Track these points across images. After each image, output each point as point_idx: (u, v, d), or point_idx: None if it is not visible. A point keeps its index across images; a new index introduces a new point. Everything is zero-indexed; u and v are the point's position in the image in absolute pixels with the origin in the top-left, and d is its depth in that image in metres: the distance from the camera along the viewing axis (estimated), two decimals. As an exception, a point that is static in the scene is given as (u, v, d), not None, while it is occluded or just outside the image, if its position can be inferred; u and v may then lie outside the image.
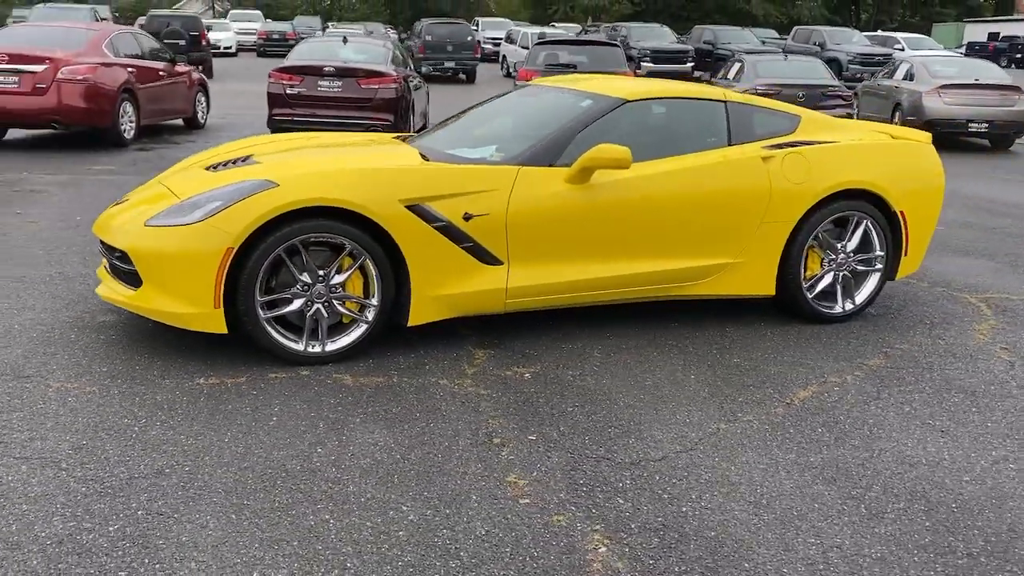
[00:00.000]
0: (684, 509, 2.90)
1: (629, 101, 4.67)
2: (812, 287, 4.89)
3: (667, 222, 4.48)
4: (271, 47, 34.44)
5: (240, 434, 3.27)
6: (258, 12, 42.06)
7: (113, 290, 4.10)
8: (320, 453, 3.15)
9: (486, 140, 4.77)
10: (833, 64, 26.90)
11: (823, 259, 4.89)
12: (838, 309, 4.93)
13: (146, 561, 2.48)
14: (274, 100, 11.33)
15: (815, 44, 28.49)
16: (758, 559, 2.63)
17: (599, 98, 4.69)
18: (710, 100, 4.87)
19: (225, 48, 33.52)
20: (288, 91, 11.22)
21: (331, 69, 11.21)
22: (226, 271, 3.76)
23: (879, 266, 4.98)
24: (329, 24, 39.41)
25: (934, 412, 3.77)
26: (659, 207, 4.45)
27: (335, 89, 11.20)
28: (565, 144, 4.40)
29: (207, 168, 4.49)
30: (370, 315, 4.05)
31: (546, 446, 3.29)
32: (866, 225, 4.88)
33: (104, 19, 31.35)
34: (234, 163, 4.46)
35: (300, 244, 3.87)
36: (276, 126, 11.20)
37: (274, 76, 11.39)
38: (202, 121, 13.32)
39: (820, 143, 4.86)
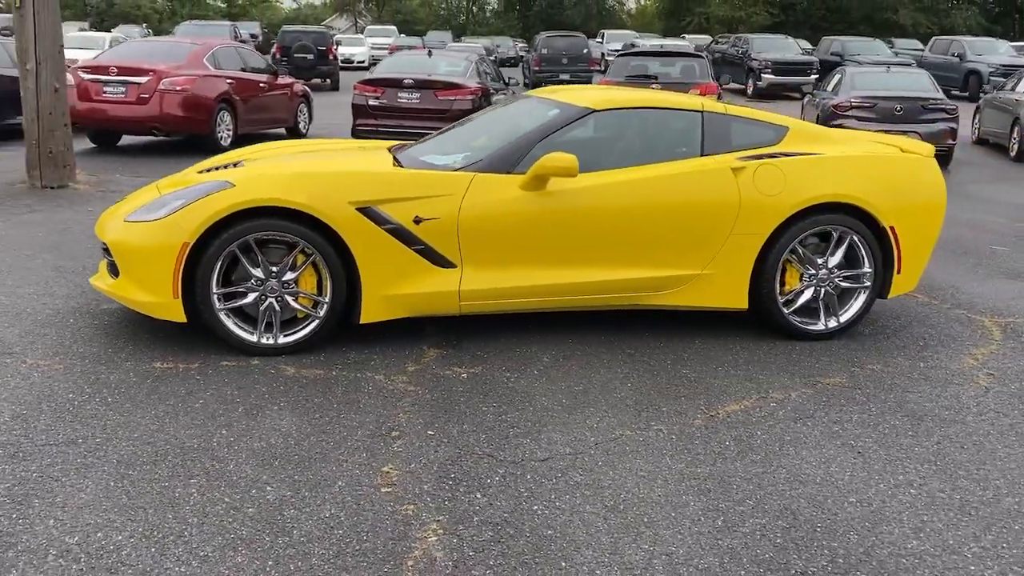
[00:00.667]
0: (535, 508, 2.95)
1: (596, 111, 4.72)
2: (790, 302, 4.77)
3: (628, 231, 4.50)
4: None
5: (163, 413, 3.55)
6: (393, 28, 43.64)
7: (102, 279, 4.50)
8: (223, 435, 3.39)
9: (462, 148, 4.92)
10: (974, 76, 25.51)
11: (803, 274, 4.76)
12: (820, 326, 4.79)
13: (14, 516, 2.77)
14: (358, 111, 11.85)
15: (954, 55, 27.03)
16: (579, 559, 2.66)
17: (566, 107, 4.76)
18: (685, 110, 4.84)
19: (359, 62, 34.99)
20: (371, 102, 11.72)
21: (410, 81, 11.63)
22: (183, 264, 4.08)
23: (867, 284, 4.80)
24: (461, 39, 40.43)
25: (863, 434, 3.64)
26: (619, 216, 4.47)
27: (414, 100, 11.61)
28: (524, 152, 4.49)
29: (199, 172, 4.84)
30: (321, 311, 4.27)
31: (438, 442, 3.41)
32: (851, 240, 4.72)
33: (254, 36, 33.51)
34: (224, 167, 4.79)
35: (254, 241, 4.13)
36: (359, 135, 11.71)
37: (358, 88, 11.93)
38: (304, 131, 14.05)
39: (802, 155, 4.74)
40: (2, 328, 4.45)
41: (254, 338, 4.23)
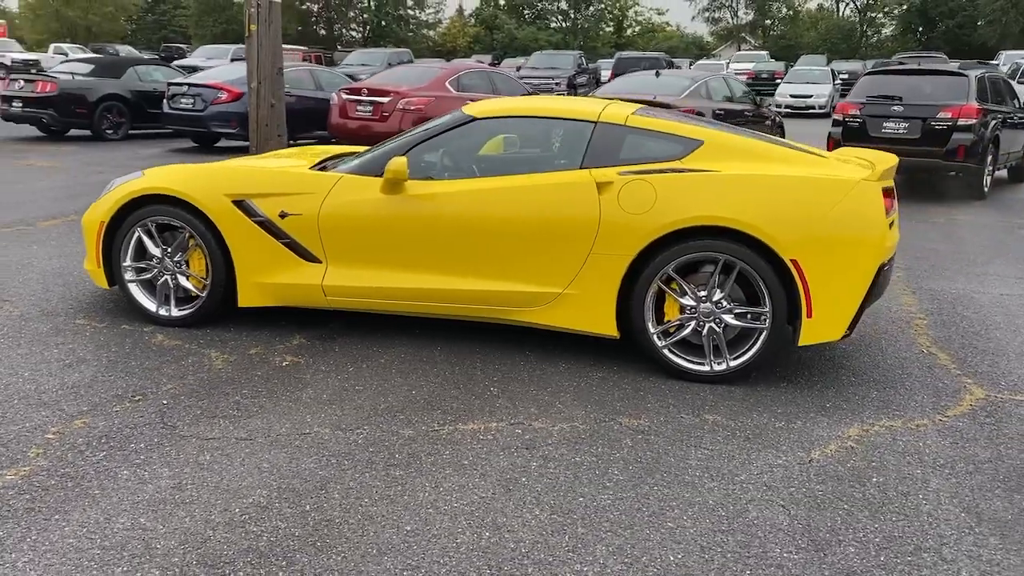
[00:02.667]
0: (123, 471, 3.17)
1: (477, 119, 4.63)
2: (669, 334, 4.25)
3: (486, 242, 4.38)
4: (758, 86, 34.89)
5: (16, 355, 4.32)
6: (763, 53, 42.56)
7: (93, 253, 5.48)
8: (22, 375, 4.05)
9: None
10: None
11: (683, 306, 4.21)
12: (704, 367, 4.20)
13: None
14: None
15: None
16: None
17: (455, 114, 4.73)
18: (577, 120, 4.53)
19: (819, 107, 34.66)
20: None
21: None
22: (101, 239, 4.85)
23: (764, 325, 4.10)
24: (832, 61, 38.22)
25: (613, 461, 3.23)
26: (476, 225, 4.38)
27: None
28: (396, 156, 4.58)
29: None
30: (205, 292, 4.78)
31: (152, 411, 3.71)
32: (741, 272, 4.09)
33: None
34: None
35: (152, 224, 4.78)
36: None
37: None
38: None
39: (692, 171, 4.21)
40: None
41: (154, 309, 4.87)
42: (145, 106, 15.14)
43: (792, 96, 27.23)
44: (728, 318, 4.17)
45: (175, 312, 4.84)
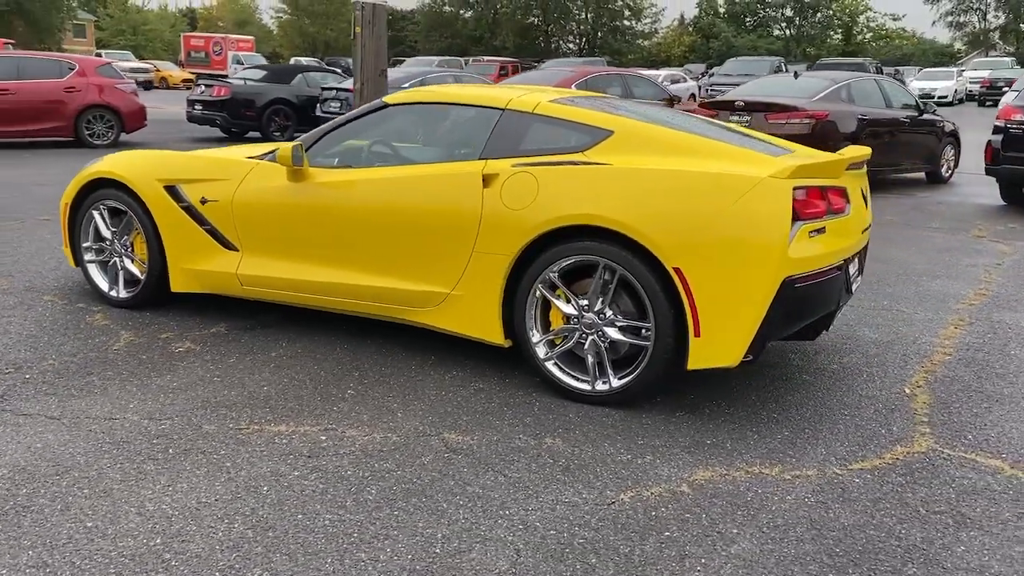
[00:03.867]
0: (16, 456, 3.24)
1: (388, 105, 4.36)
2: (553, 344, 3.79)
3: (376, 235, 4.13)
4: (991, 95, 31.61)
5: (-42, 323, 4.61)
6: (1007, 59, 38.30)
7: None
8: (-62, 342, 4.31)
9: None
10: None
11: (566, 315, 3.73)
12: (585, 386, 3.70)
13: None
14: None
15: None
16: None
17: (375, 101, 4.48)
18: (485, 107, 4.13)
19: (940, 97, 31.91)
20: (704, 126, 11.18)
21: (741, 103, 10.82)
22: (66, 220, 5.07)
23: (649, 343, 3.55)
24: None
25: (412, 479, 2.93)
26: (367, 217, 4.13)
27: (742, 124, 10.76)
28: (312, 143, 4.43)
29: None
30: (144, 275, 4.86)
31: (6, 383, 3.79)
32: (621, 280, 3.56)
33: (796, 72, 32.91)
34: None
35: (103, 207, 4.92)
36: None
37: (698, 112, 11.49)
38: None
39: (586, 164, 3.72)
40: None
41: (106, 289, 5.02)
42: (310, 110, 16.01)
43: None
44: (612, 332, 3.63)
45: (123, 294, 4.95)
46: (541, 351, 3.79)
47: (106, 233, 4.96)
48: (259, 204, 4.42)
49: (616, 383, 3.63)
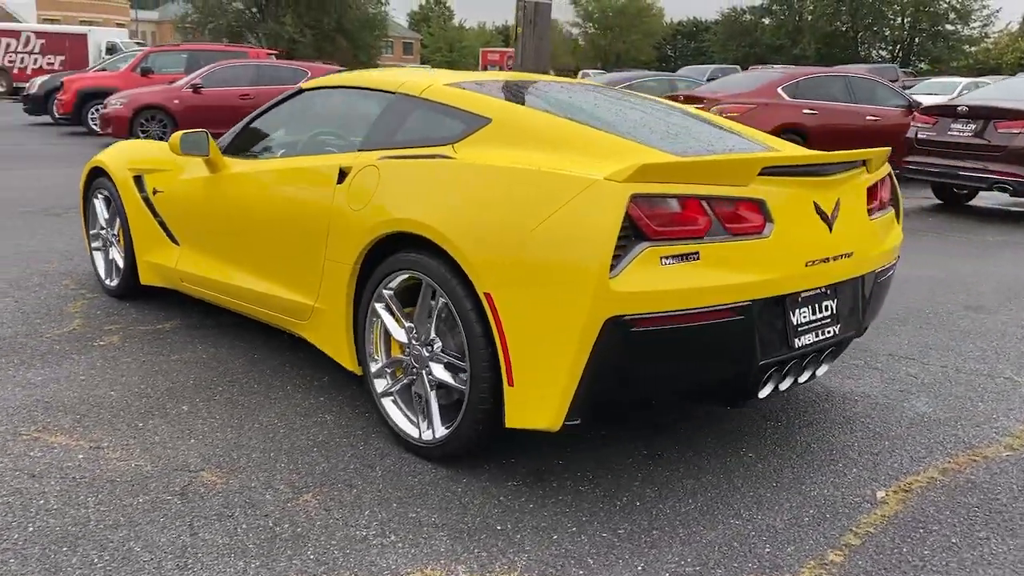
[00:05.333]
0: None
1: (304, 90, 3.86)
2: (387, 376, 3.12)
3: (256, 233, 3.70)
4: None
5: (-41, 300, 4.84)
6: None
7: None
8: (-85, 316, 4.51)
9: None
10: None
11: (400, 343, 3.04)
12: (414, 432, 2.98)
13: None
14: (908, 145, 9.66)
15: None
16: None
17: (293, 87, 4.00)
18: (379, 92, 3.50)
19: None
20: (919, 135, 9.42)
21: (964, 108, 8.92)
22: (81, 209, 5.17)
23: (466, 387, 2.77)
24: None
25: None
26: (250, 214, 3.71)
27: (965, 133, 8.90)
28: (240, 131, 4.08)
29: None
30: (123, 266, 4.79)
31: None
32: (443, 303, 2.81)
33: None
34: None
35: (100, 195, 4.93)
36: (907, 176, 9.59)
37: (917, 119, 9.69)
38: None
39: (435, 158, 2.99)
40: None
41: (103, 276, 5.03)
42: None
43: None
44: (437, 369, 2.87)
45: (112, 282, 4.94)
46: (381, 384, 3.12)
47: (102, 221, 4.98)
48: (185, 196, 4.16)
49: (439, 434, 2.87)
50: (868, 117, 11.38)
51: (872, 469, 2.96)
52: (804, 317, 2.81)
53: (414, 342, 2.94)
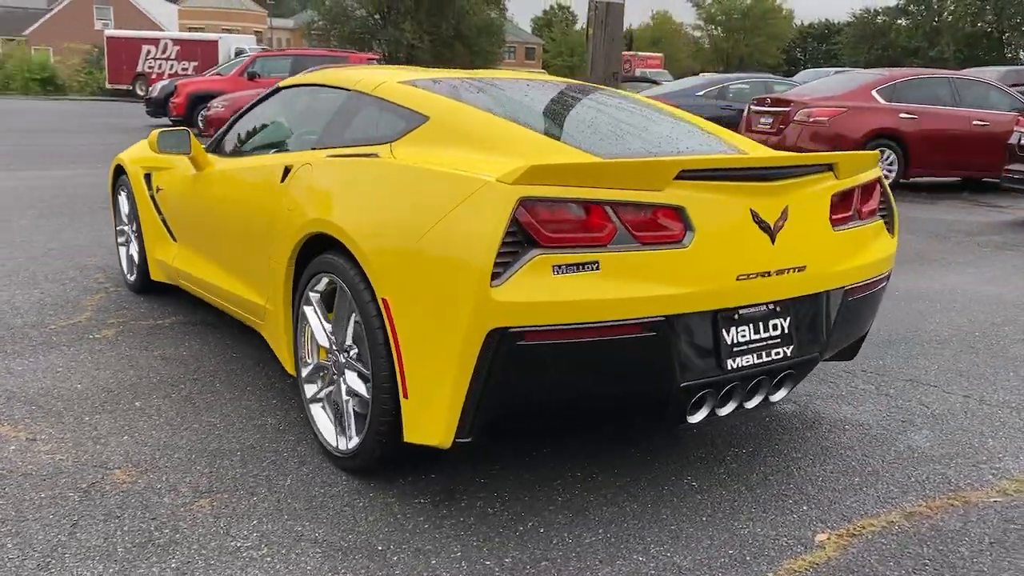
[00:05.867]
0: None
1: (281, 88, 3.81)
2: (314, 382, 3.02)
3: (226, 232, 3.68)
4: None
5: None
6: None
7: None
8: (-56, 304, 4.74)
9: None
10: None
11: (322, 347, 2.95)
12: (333, 439, 2.88)
13: None
14: (1009, 152, 8.90)
15: None
16: None
17: (274, 85, 3.97)
18: (339, 89, 3.42)
19: None
20: (1022, 141, 8.66)
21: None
22: (112, 204, 5.32)
23: (369, 397, 2.65)
24: None
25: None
26: (224, 213, 3.70)
27: (1072, 139, 8.11)
28: (225, 130, 4.09)
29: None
30: (139, 262, 4.89)
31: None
32: (354, 311, 2.70)
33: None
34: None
35: (124, 192, 5.04)
36: (1007, 186, 8.87)
37: (1021, 123, 8.92)
38: None
39: (363, 156, 2.89)
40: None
41: (125, 271, 5.14)
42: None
43: None
44: (351, 376, 2.76)
45: (132, 277, 5.06)
46: (311, 389, 3.02)
47: (123, 217, 5.11)
48: (178, 194, 4.21)
49: (351, 444, 2.76)
50: (975, 122, 10.61)
51: (826, 508, 2.66)
52: (743, 336, 2.54)
53: (334, 348, 2.83)
